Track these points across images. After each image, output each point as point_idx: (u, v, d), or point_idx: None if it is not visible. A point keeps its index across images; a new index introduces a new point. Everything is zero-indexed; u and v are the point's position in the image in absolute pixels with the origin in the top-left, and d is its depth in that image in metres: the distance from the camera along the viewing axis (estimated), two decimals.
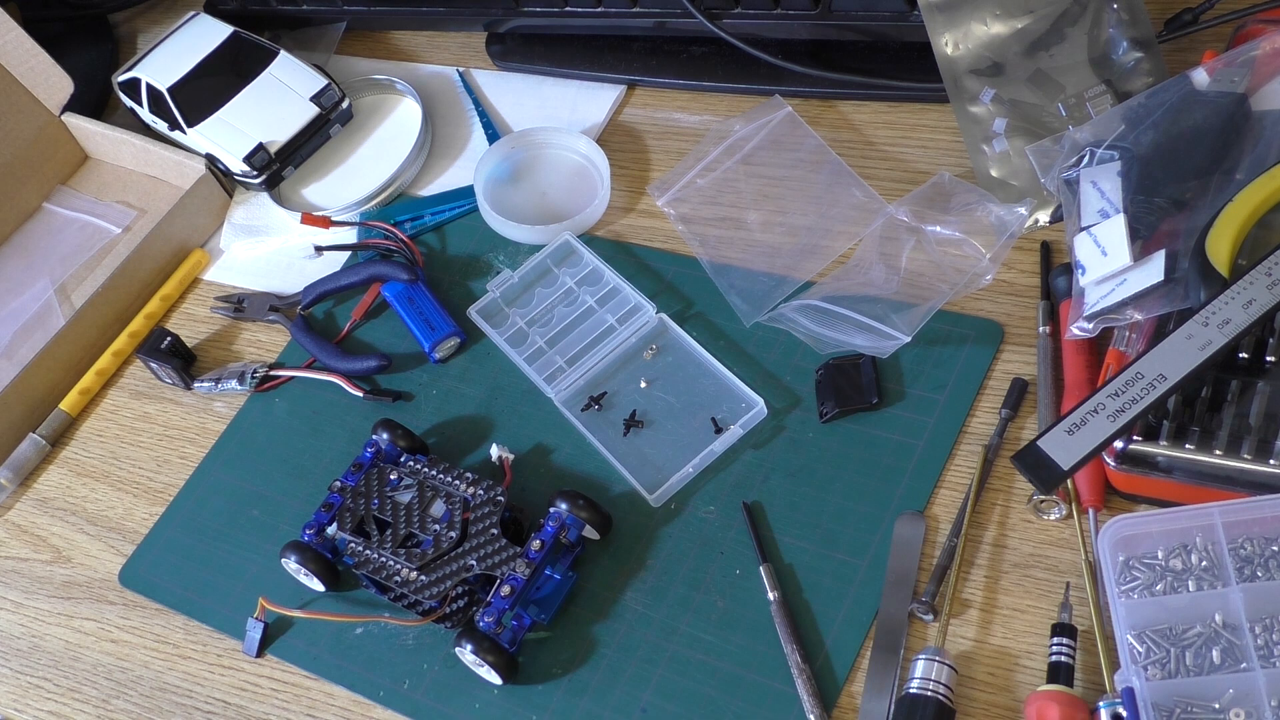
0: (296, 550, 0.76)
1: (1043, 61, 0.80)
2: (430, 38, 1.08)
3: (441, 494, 0.75)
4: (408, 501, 0.75)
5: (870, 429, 0.75)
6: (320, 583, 0.76)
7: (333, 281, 0.91)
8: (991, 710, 0.65)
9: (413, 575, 0.73)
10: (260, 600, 0.76)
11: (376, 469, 0.78)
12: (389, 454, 0.79)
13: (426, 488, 0.76)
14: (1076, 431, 0.63)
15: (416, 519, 0.75)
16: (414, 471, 0.77)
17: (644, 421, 0.79)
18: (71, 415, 0.92)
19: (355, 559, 0.74)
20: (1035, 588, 0.68)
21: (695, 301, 0.84)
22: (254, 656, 0.76)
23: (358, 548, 0.75)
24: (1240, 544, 0.62)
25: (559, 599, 0.73)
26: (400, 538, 0.74)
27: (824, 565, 0.71)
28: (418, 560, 0.73)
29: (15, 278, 1.02)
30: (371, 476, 0.77)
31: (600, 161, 0.92)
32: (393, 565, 0.73)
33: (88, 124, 1.06)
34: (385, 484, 0.77)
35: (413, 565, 0.73)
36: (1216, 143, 0.73)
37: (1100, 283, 0.71)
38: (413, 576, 0.73)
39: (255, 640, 0.76)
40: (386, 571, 0.73)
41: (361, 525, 0.76)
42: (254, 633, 0.76)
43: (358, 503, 0.76)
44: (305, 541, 0.76)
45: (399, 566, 0.73)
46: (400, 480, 0.77)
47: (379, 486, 0.77)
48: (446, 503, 0.75)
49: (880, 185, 0.85)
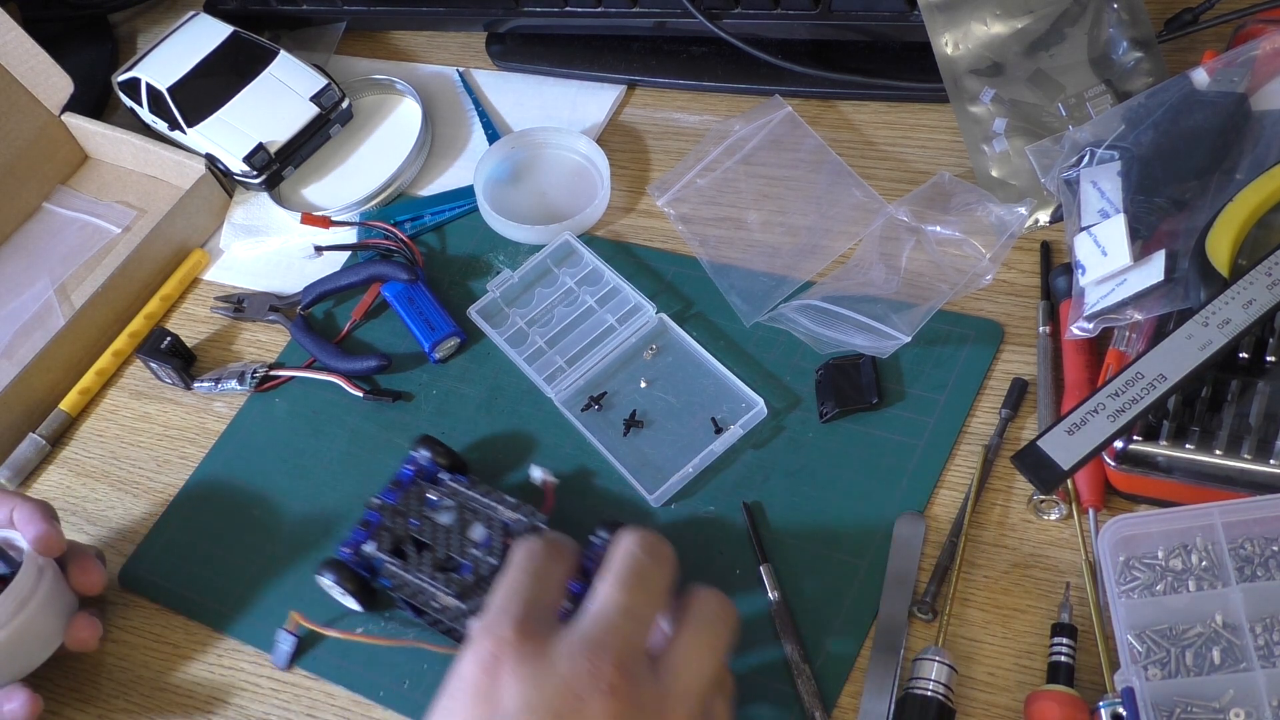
0: (334, 568, 0.74)
1: (1043, 61, 0.80)
2: (430, 38, 1.08)
3: (482, 517, 0.73)
4: (447, 523, 0.73)
5: (870, 429, 0.75)
6: (357, 602, 0.74)
7: (333, 281, 0.91)
8: (991, 710, 0.65)
9: (451, 602, 0.70)
10: (292, 614, 0.75)
11: (416, 487, 0.75)
12: (429, 472, 0.77)
13: (467, 509, 0.73)
14: (1076, 431, 0.63)
15: (456, 542, 0.72)
16: (454, 492, 0.75)
17: (644, 421, 0.79)
18: (71, 415, 0.92)
19: (392, 581, 0.72)
20: (1035, 588, 0.68)
21: (695, 301, 0.84)
22: (283, 668, 0.75)
23: (395, 569, 0.72)
24: (1240, 544, 0.62)
25: None
26: (439, 561, 0.72)
27: (824, 565, 0.71)
28: (456, 586, 0.70)
29: (15, 278, 1.02)
30: (411, 495, 0.75)
31: (600, 161, 0.92)
32: (430, 589, 0.71)
33: (88, 124, 1.06)
34: (424, 503, 0.74)
35: (451, 591, 0.70)
36: (1216, 143, 0.73)
37: (1100, 283, 0.71)
38: (451, 603, 0.70)
39: (286, 653, 0.75)
40: (424, 596, 0.71)
41: (399, 545, 0.73)
42: (284, 645, 0.75)
43: (396, 522, 0.74)
44: (343, 559, 0.74)
45: (437, 591, 0.71)
46: (440, 500, 0.74)
47: (418, 506, 0.74)
48: (487, 526, 0.72)
49: (880, 185, 0.85)
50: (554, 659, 0.57)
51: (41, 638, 0.75)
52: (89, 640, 0.77)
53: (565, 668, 0.56)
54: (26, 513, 0.76)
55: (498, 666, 0.57)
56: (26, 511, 0.76)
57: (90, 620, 0.77)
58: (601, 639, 0.57)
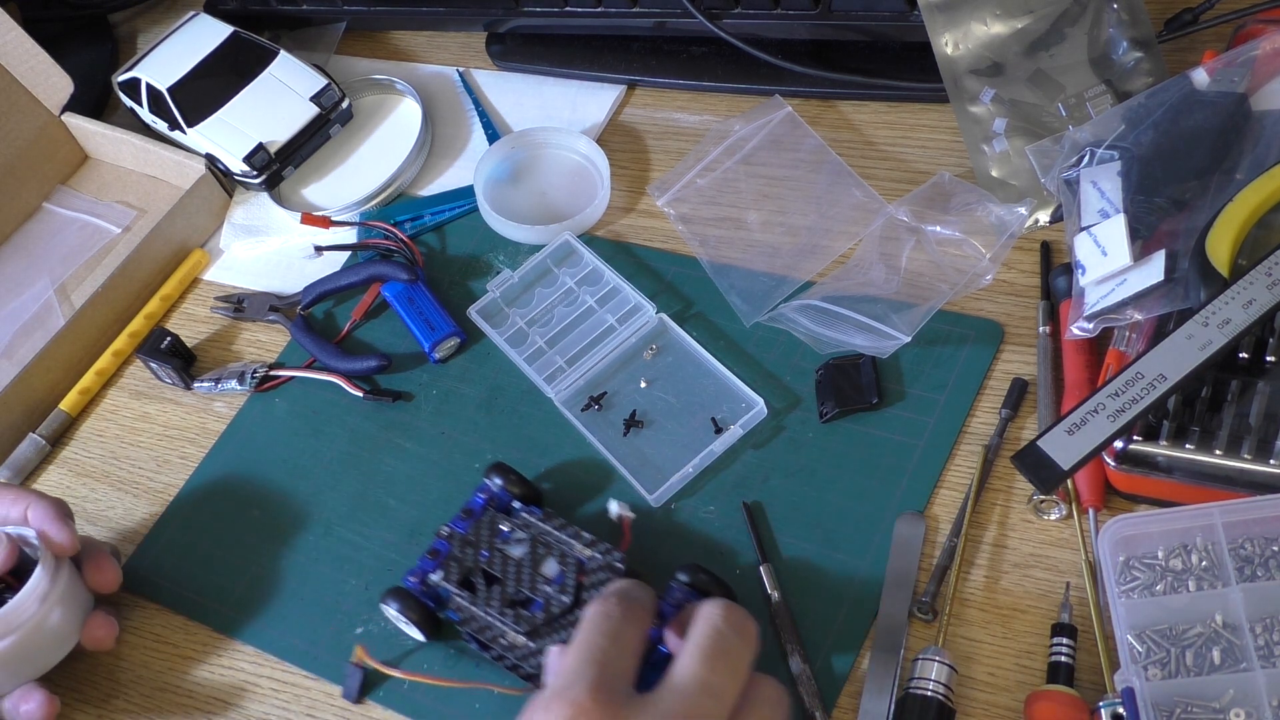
0: (398, 597, 0.71)
1: (1043, 61, 0.80)
2: (430, 38, 1.08)
3: (555, 552, 0.70)
4: (519, 556, 0.70)
5: (870, 429, 0.75)
6: (420, 633, 0.72)
7: (333, 281, 0.91)
8: (991, 710, 0.65)
9: (520, 640, 0.68)
10: (358, 648, 0.72)
11: (488, 517, 0.73)
12: (500, 501, 0.74)
13: (540, 543, 0.71)
14: (1076, 431, 0.63)
15: (528, 577, 0.69)
16: (527, 524, 0.72)
17: (644, 421, 0.79)
18: (71, 415, 0.92)
19: (460, 614, 0.70)
20: (1035, 588, 0.68)
21: (695, 301, 0.84)
22: (353, 702, 0.73)
23: (463, 603, 0.70)
24: (1240, 544, 0.62)
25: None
26: (509, 596, 0.69)
27: (824, 565, 0.71)
28: (526, 624, 0.68)
29: (15, 278, 1.02)
30: (482, 525, 0.72)
31: (600, 161, 0.92)
32: (499, 626, 0.68)
33: (88, 124, 1.06)
34: (496, 535, 0.72)
35: (521, 629, 0.68)
36: (1216, 143, 0.73)
37: (1100, 283, 0.71)
38: (520, 641, 0.68)
39: (355, 688, 0.73)
40: (492, 632, 0.69)
41: (468, 578, 0.70)
42: (353, 680, 0.73)
43: (465, 552, 0.71)
44: (408, 588, 0.72)
45: (506, 628, 0.68)
46: (512, 532, 0.72)
47: (489, 537, 0.72)
48: (560, 562, 0.70)
49: (880, 185, 0.85)
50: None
51: (58, 637, 0.75)
52: (105, 639, 0.76)
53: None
54: (41, 510, 0.76)
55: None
56: (41, 509, 0.76)
57: (106, 619, 0.76)
58: (682, 715, 0.55)
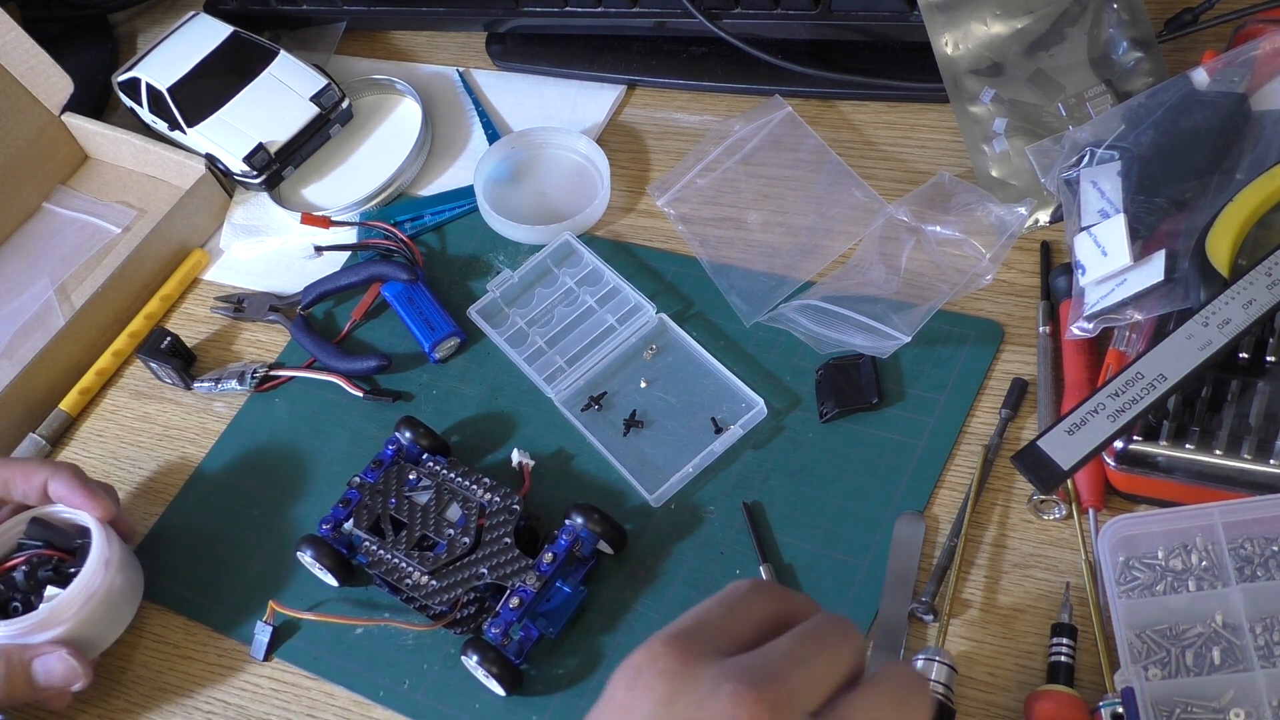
0: (312, 544, 0.76)
1: (1043, 61, 0.80)
2: (430, 38, 1.08)
3: (459, 498, 0.75)
4: (424, 503, 0.75)
5: (870, 429, 0.75)
6: (334, 578, 0.77)
7: (333, 281, 0.91)
8: (991, 710, 0.65)
9: (424, 579, 0.73)
10: (270, 604, 0.76)
11: (397, 467, 0.78)
12: (410, 452, 0.79)
13: (444, 490, 0.76)
14: (1076, 431, 0.63)
15: (432, 522, 0.75)
16: (433, 473, 0.77)
17: (644, 421, 0.79)
18: (71, 415, 0.92)
19: (369, 558, 0.75)
20: (1035, 588, 0.68)
21: (695, 301, 0.84)
22: (261, 660, 0.76)
23: (372, 547, 0.75)
24: (1240, 544, 0.62)
25: (568, 613, 0.72)
26: (415, 540, 0.74)
27: (824, 565, 0.71)
28: (430, 564, 0.73)
29: (15, 278, 1.02)
30: (391, 475, 0.77)
31: (600, 161, 0.92)
32: (405, 568, 0.73)
33: (88, 124, 1.05)
34: (404, 483, 0.77)
35: (425, 569, 0.73)
36: (1216, 143, 0.73)
37: (1100, 283, 0.71)
38: (424, 581, 0.73)
39: (264, 644, 0.76)
40: (399, 574, 0.73)
41: (378, 523, 0.75)
42: (262, 636, 0.76)
43: (375, 500, 0.76)
44: (321, 536, 0.76)
45: (411, 569, 0.73)
46: (419, 480, 0.77)
47: (398, 486, 0.77)
48: (463, 507, 0.75)
49: (880, 185, 0.85)
50: (698, 680, 0.50)
51: (127, 594, 0.78)
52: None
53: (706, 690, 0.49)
54: (63, 485, 0.77)
55: (638, 677, 0.51)
56: (62, 483, 0.77)
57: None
58: (759, 677, 0.49)
